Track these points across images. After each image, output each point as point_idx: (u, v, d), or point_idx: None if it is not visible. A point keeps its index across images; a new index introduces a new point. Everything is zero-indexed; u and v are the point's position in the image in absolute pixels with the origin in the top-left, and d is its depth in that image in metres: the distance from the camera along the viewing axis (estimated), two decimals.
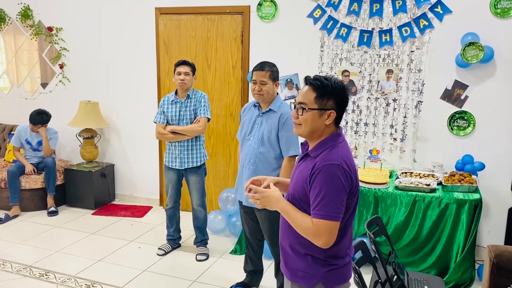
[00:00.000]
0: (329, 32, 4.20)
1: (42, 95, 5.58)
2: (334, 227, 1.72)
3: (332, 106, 1.79)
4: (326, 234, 1.71)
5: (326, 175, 1.71)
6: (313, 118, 1.79)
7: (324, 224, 1.70)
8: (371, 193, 3.60)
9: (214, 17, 4.64)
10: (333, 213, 1.70)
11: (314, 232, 1.73)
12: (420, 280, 2.72)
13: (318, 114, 1.79)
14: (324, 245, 1.74)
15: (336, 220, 1.71)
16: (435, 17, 3.88)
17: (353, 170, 1.77)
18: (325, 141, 1.82)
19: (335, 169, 1.71)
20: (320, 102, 1.78)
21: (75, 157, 5.45)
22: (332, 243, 1.74)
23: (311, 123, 1.80)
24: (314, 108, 1.79)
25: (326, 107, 1.78)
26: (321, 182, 1.71)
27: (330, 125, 1.82)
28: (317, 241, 1.74)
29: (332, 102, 1.79)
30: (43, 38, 5.44)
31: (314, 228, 1.72)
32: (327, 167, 1.72)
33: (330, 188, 1.70)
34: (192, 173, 3.82)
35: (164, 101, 3.83)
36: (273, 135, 2.94)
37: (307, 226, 1.75)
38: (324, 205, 1.70)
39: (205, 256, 3.91)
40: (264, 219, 2.99)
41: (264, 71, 2.92)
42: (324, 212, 1.70)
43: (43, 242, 4.19)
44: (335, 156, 1.74)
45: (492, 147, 3.87)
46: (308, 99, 1.80)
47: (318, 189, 1.72)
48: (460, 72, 3.88)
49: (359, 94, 4.20)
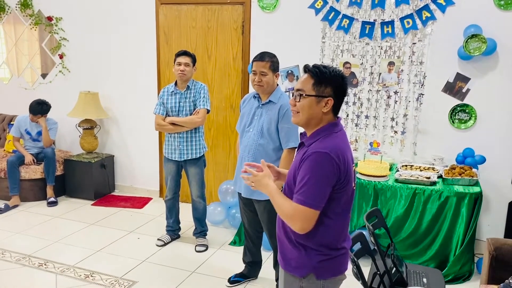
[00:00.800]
0: (330, 23, 4.16)
1: (42, 85, 5.56)
2: (312, 215, 1.73)
3: (329, 93, 1.79)
4: (301, 219, 1.73)
5: (312, 162, 1.72)
6: (310, 105, 1.80)
7: (301, 209, 1.72)
8: (371, 185, 3.59)
9: (215, 8, 4.60)
10: (313, 201, 1.71)
11: (292, 215, 1.75)
12: (419, 272, 2.72)
13: (315, 101, 1.79)
14: (299, 230, 1.76)
15: (314, 208, 1.72)
16: (437, 9, 3.85)
17: (342, 160, 1.75)
18: (321, 130, 1.82)
19: (322, 157, 1.71)
20: (318, 89, 1.78)
21: (75, 148, 5.44)
22: (308, 229, 1.75)
23: (308, 110, 1.80)
24: (311, 94, 1.79)
25: (323, 94, 1.78)
26: (306, 169, 1.73)
27: (327, 113, 1.81)
28: (292, 225, 1.77)
29: (330, 89, 1.78)
30: (43, 28, 5.41)
31: (292, 212, 1.74)
32: (315, 154, 1.72)
33: (314, 176, 1.70)
34: (191, 165, 3.81)
35: (163, 92, 3.81)
36: (273, 126, 2.92)
37: (287, 209, 1.77)
38: (305, 191, 1.71)
39: (204, 247, 3.91)
40: (263, 210, 2.98)
41: (264, 62, 2.90)
42: (305, 198, 1.71)
43: (43, 232, 4.19)
44: (325, 145, 1.75)
45: (493, 141, 3.84)
46: (306, 86, 1.80)
47: (303, 174, 1.73)
48: (462, 64, 3.85)
49: (360, 86, 4.17)
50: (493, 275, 2.68)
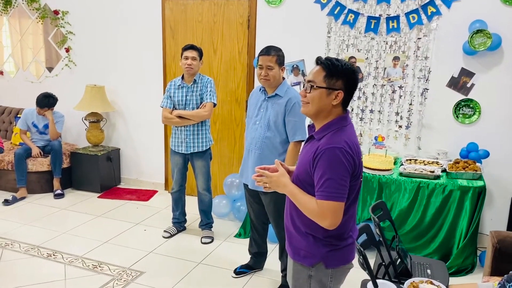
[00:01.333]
0: (336, 18, 4.19)
1: (48, 79, 5.60)
2: (339, 208, 1.75)
3: (340, 86, 1.81)
4: (330, 214, 1.74)
5: (328, 157, 1.74)
6: (320, 96, 1.82)
7: (328, 204, 1.73)
8: (375, 179, 3.63)
9: (221, 2, 4.62)
10: (337, 194, 1.73)
11: (319, 213, 1.76)
12: (423, 264, 2.76)
13: (326, 93, 1.81)
14: (329, 226, 1.77)
15: (340, 200, 1.74)
16: (443, 4, 3.86)
17: (356, 153, 1.78)
18: (330, 123, 1.84)
19: (337, 151, 1.73)
20: (329, 81, 1.80)
21: (81, 141, 5.49)
22: (337, 223, 1.77)
23: (318, 102, 1.82)
24: (322, 86, 1.81)
25: (334, 86, 1.80)
26: (324, 165, 1.74)
27: (337, 106, 1.83)
28: (322, 222, 1.77)
29: (341, 82, 1.81)
30: (48, 22, 5.44)
31: (319, 210, 1.75)
32: (329, 150, 1.74)
33: (333, 170, 1.73)
34: (197, 158, 3.85)
35: (170, 86, 3.85)
36: (280, 119, 2.96)
37: (313, 207, 1.78)
38: (328, 186, 1.73)
39: (210, 239, 3.96)
40: (269, 202, 3.03)
41: (270, 56, 2.93)
42: (328, 193, 1.73)
43: (50, 223, 4.25)
44: (338, 139, 1.77)
45: (497, 136, 3.87)
46: (318, 77, 1.82)
47: (322, 171, 1.75)
48: (467, 59, 3.87)
49: (365, 81, 4.20)
50: (496, 267, 2.71)
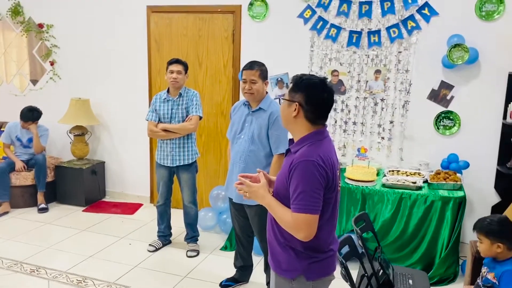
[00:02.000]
0: (319, 32, 4.27)
1: (32, 92, 5.57)
2: (313, 220, 1.79)
3: (298, 99, 1.87)
4: (305, 227, 1.79)
5: (302, 170, 1.79)
6: (283, 107, 1.95)
7: (302, 217, 1.78)
8: (358, 190, 3.68)
9: (206, 16, 4.68)
10: (310, 206, 1.78)
11: (294, 225, 1.81)
12: (405, 274, 2.80)
13: (287, 105, 1.92)
14: (304, 238, 1.81)
15: (314, 213, 1.79)
16: (422, 19, 3.97)
17: (329, 167, 1.83)
18: (306, 137, 1.89)
19: (310, 165, 1.79)
20: (291, 94, 1.91)
21: (66, 154, 5.46)
22: (312, 235, 1.81)
23: (282, 113, 1.96)
24: (285, 98, 1.93)
25: (293, 99, 1.89)
26: (298, 178, 1.80)
27: (298, 118, 1.89)
28: (297, 234, 1.82)
29: (299, 95, 1.88)
30: (33, 35, 5.44)
31: (293, 222, 1.80)
32: (303, 163, 1.80)
33: (306, 183, 1.78)
34: (183, 171, 3.86)
35: (156, 99, 3.87)
36: (263, 133, 3.00)
37: (288, 220, 1.83)
38: (301, 199, 1.78)
39: (196, 253, 3.96)
40: (254, 215, 3.05)
41: (254, 70, 2.98)
42: (302, 205, 1.78)
43: (34, 238, 4.20)
44: (311, 153, 1.82)
45: (477, 147, 3.97)
46: (288, 91, 1.95)
47: (296, 184, 1.80)
48: (446, 72, 3.98)
49: (348, 94, 4.27)
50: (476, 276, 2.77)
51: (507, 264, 2.29)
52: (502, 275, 2.25)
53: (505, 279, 2.23)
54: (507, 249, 2.31)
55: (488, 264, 2.41)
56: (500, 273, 2.27)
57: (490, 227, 2.36)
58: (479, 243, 2.39)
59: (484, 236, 2.36)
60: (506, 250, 2.31)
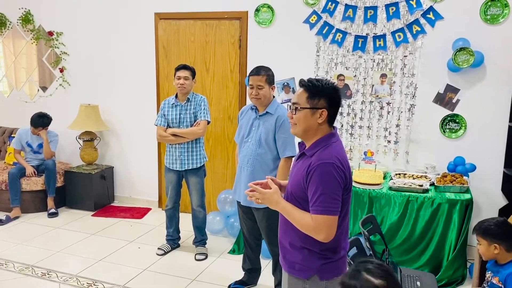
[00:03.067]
0: (324, 37, 4.31)
1: (42, 99, 5.66)
2: (333, 221, 1.82)
3: (323, 105, 1.90)
4: (326, 228, 1.82)
5: (321, 173, 1.82)
6: (305, 116, 1.91)
7: (323, 219, 1.81)
8: (365, 193, 3.71)
9: (213, 22, 4.74)
10: (331, 208, 1.81)
11: (314, 227, 1.83)
12: (413, 276, 2.82)
13: (310, 113, 1.90)
14: (325, 239, 1.84)
15: (334, 214, 1.82)
16: (427, 23, 4.00)
17: (346, 167, 1.87)
18: (320, 140, 1.92)
19: (329, 167, 1.82)
20: (312, 102, 1.90)
21: (75, 160, 5.53)
22: (332, 236, 1.85)
23: (304, 122, 1.92)
24: (306, 107, 1.90)
25: (317, 106, 1.90)
26: (317, 180, 1.82)
27: (323, 124, 1.92)
28: (318, 236, 1.84)
29: (323, 101, 1.90)
30: (43, 43, 5.53)
31: (314, 224, 1.83)
32: (322, 165, 1.82)
33: (326, 185, 1.80)
34: (192, 174, 3.91)
35: (164, 104, 3.93)
36: (270, 137, 3.04)
37: (307, 222, 1.85)
38: (322, 201, 1.80)
39: (204, 256, 3.99)
40: (262, 218, 3.09)
41: (260, 76, 3.02)
42: (322, 207, 1.80)
43: (44, 242, 4.26)
44: (329, 155, 1.85)
45: (483, 149, 3.98)
46: (301, 99, 1.92)
47: (315, 186, 1.82)
48: (452, 76, 4.00)
49: (354, 98, 4.31)
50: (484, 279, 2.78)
51: (509, 267, 2.31)
52: (507, 278, 2.27)
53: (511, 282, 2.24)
54: (505, 250, 2.32)
55: (492, 268, 2.43)
56: (505, 277, 2.28)
57: (486, 228, 2.39)
58: (478, 245, 2.41)
59: (481, 237, 2.39)
60: (505, 251, 2.32)
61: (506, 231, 2.37)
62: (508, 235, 2.37)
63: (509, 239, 2.36)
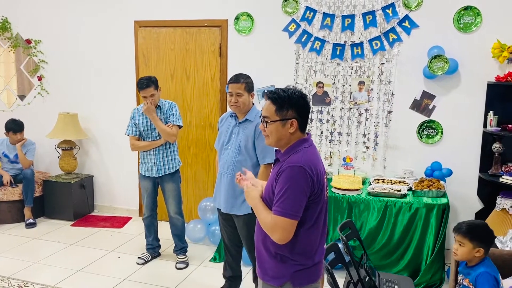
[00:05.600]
0: (303, 45, 4.37)
1: (20, 107, 5.57)
2: (290, 225, 1.84)
3: (292, 115, 1.93)
4: (280, 230, 1.84)
5: (288, 175, 1.85)
6: (276, 129, 1.94)
7: (280, 220, 1.83)
8: (345, 199, 3.74)
9: (193, 31, 4.76)
10: (290, 211, 1.83)
11: (271, 226, 1.86)
12: (391, 280, 2.85)
13: (281, 125, 1.93)
14: (278, 240, 1.86)
15: (293, 218, 1.84)
16: (403, 31, 4.09)
17: (315, 173, 1.88)
18: (292, 146, 1.95)
19: (297, 170, 1.84)
20: (281, 114, 1.92)
21: (54, 169, 5.45)
22: (287, 239, 1.86)
23: (276, 134, 1.95)
24: (275, 120, 1.93)
25: (286, 117, 1.92)
26: (283, 181, 1.85)
27: (295, 132, 1.95)
28: (272, 236, 1.87)
29: (292, 111, 1.93)
30: (21, 51, 5.46)
31: (271, 223, 1.86)
32: (290, 168, 1.86)
33: (291, 188, 1.83)
34: (168, 180, 3.90)
35: (134, 113, 3.90)
36: (250, 144, 3.05)
37: (266, 220, 1.89)
38: (283, 202, 1.83)
39: (185, 264, 3.97)
40: (242, 225, 3.09)
41: (240, 83, 3.04)
42: (282, 209, 1.83)
43: (21, 253, 4.17)
44: (299, 159, 1.88)
45: (459, 154, 4.06)
46: (270, 112, 1.94)
47: (280, 187, 1.86)
48: (428, 83, 4.09)
49: (333, 105, 4.36)
50: None
51: (479, 268, 2.36)
52: (477, 278, 2.31)
53: (480, 281, 2.29)
54: (484, 253, 2.37)
55: (463, 271, 2.47)
56: (475, 278, 2.33)
57: (477, 232, 2.38)
58: (459, 246, 2.41)
59: (469, 240, 2.37)
60: (483, 254, 2.37)
61: (491, 236, 2.41)
62: (492, 240, 2.43)
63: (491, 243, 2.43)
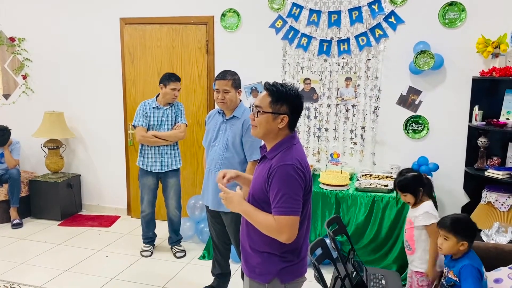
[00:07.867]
0: (290, 41, 4.36)
1: (4, 106, 5.49)
2: (295, 222, 1.84)
3: (285, 111, 1.92)
4: (288, 229, 1.83)
5: (282, 175, 1.84)
6: (267, 120, 1.92)
7: (285, 219, 1.82)
8: (332, 194, 3.76)
9: (179, 27, 4.73)
10: (293, 208, 1.82)
11: (277, 228, 1.84)
12: (378, 275, 2.87)
13: (272, 118, 1.92)
14: (287, 240, 1.85)
15: (296, 214, 1.84)
16: (389, 27, 4.11)
17: (306, 169, 1.90)
18: (280, 143, 1.94)
19: (289, 168, 1.84)
20: (274, 107, 1.91)
21: (40, 168, 5.39)
22: (294, 237, 1.86)
23: (265, 126, 1.93)
24: (268, 111, 1.92)
25: (279, 111, 1.91)
26: (278, 182, 1.84)
27: (283, 129, 1.94)
28: (280, 237, 1.85)
29: (286, 107, 1.92)
30: (5, 49, 5.38)
31: (277, 225, 1.84)
32: (282, 167, 1.84)
33: (287, 186, 1.82)
34: (171, 176, 4.00)
35: (146, 106, 3.95)
36: (237, 140, 3.05)
37: (270, 223, 1.86)
38: (284, 202, 1.82)
39: (184, 253, 4.10)
40: (230, 222, 3.08)
41: (226, 80, 3.04)
42: (284, 208, 1.82)
43: (8, 254, 4.12)
44: (289, 157, 1.87)
45: (445, 149, 4.10)
46: (264, 103, 1.93)
47: (277, 188, 1.84)
48: (414, 78, 4.11)
49: (320, 101, 4.37)
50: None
51: (463, 260, 2.39)
52: (460, 271, 2.35)
53: (463, 273, 2.33)
54: (468, 246, 2.40)
55: (448, 264, 2.51)
56: (459, 269, 2.36)
57: (461, 226, 2.41)
58: (444, 240, 2.45)
59: (453, 234, 2.41)
60: (467, 248, 2.41)
61: (474, 229, 2.46)
62: (475, 233, 2.46)
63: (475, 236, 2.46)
